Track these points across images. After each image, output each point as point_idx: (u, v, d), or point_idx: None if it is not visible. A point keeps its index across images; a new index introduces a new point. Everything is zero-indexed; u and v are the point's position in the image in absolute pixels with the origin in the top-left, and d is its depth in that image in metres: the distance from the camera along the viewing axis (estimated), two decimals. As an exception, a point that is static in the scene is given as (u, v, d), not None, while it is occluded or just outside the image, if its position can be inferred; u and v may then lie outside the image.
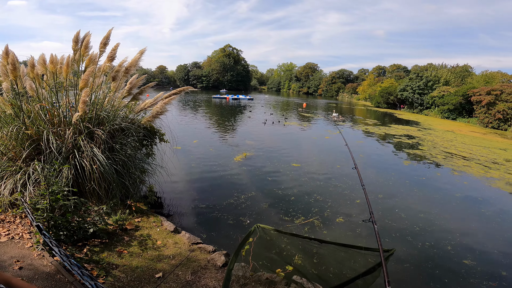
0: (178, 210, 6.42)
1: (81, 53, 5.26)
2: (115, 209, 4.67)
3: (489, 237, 6.34)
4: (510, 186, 10.12)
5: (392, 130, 22.36)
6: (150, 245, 4.05)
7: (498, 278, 4.82)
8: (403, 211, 7.16)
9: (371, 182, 9.28)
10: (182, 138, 13.70)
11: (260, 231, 3.07)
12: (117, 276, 3.30)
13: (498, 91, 29.50)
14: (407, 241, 5.81)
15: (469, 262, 5.22)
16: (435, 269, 4.97)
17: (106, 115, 5.33)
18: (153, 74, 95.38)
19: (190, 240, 4.32)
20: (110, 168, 4.63)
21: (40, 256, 3.45)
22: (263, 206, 6.92)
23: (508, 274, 4.95)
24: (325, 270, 2.98)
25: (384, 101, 47.85)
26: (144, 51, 5.59)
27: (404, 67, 72.71)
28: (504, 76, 44.96)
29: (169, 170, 6.51)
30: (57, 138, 4.64)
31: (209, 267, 3.70)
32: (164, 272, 3.47)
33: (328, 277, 2.95)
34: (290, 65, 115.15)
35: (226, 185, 8.18)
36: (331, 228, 6.06)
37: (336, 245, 2.72)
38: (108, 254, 3.71)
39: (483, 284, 4.66)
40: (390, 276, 4.67)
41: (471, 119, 32.63)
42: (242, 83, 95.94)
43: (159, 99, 6.07)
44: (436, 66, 44.66)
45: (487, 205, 8.16)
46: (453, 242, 5.89)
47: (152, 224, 4.69)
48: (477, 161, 13.58)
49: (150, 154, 6.37)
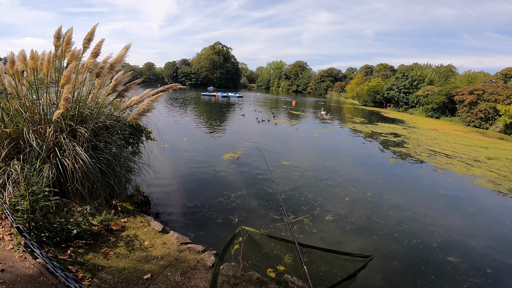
0: (166, 209, 6.30)
1: (63, 49, 5.06)
2: (100, 209, 4.53)
3: (473, 234, 6.50)
4: (492, 184, 10.48)
5: (378, 128, 22.78)
6: (138, 245, 3.95)
7: (483, 275, 4.93)
8: (390, 209, 7.28)
9: (360, 180, 9.42)
10: (170, 136, 13.46)
11: (244, 234, 3.05)
12: (103, 278, 3.20)
13: (480, 91, 30.56)
14: (394, 239, 5.91)
15: (453, 259, 5.35)
16: (421, 266, 5.07)
17: (90, 112, 5.15)
18: (140, 71, 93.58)
19: (179, 240, 4.25)
20: (93, 167, 4.48)
21: (22, 258, 3.32)
22: (253, 204, 6.90)
23: (493, 271, 5.08)
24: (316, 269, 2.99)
25: (371, 100, 48.75)
26: (129, 47, 5.43)
27: (391, 67, 74.29)
28: (486, 76, 46.70)
29: (157, 169, 6.39)
30: (37, 136, 4.45)
31: (198, 268, 3.64)
32: (153, 273, 3.39)
33: (319, 275, 2.96)
34: (280, 63, 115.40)
35: (216, 184, 8.10)
36: (320, 227, 6.10)
37: (319, 250, 2.74)
38: (93, 255, 3.59)
39: (469, 281, 4.76)
40: (379, 273, 4.78)
41: (454, 118, 33.67)
42: (232, 81, 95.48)
43: (146, 96, 5.92)
44: (421, 66, 45.84)
45: (470, 202, 8.40)
46: (439, 239, 6.02)
47: (139, 224, 4.58)
48: (459, 159, 14.02)
49: (137, 152, 6.21)
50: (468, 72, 43.31)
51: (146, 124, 6.44)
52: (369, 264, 4.86)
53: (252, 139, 14.81)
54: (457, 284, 4.67)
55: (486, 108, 29.23)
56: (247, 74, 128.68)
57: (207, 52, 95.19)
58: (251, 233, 3.27)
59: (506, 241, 6.38)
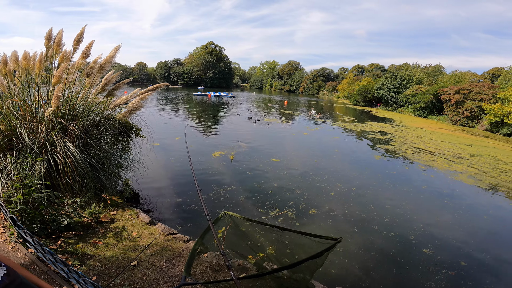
0: (155, 204, 6.52)
1: (54, 50, 5.25)
2: (90, 202, 4.73)
3: (450, 227, 6.77)
4: (472, 179, 10.95)
5: (367, 127, 23.30)
6: (126, 236, 4.17)
7: (456, 268, 5.18)
8: (372, 203, 7.62)
9: (346, 176, 9.78)
10: (162, 135, 13.65)
11: (227, 218, 3.31)
12: (91, 265, 3.42)
13: (467, 90, 31.45)
14: (374, 231, 6.22)
15: (428, 251, 5.61)
16: (397, 257, 5.35)
17: (80, 110, 5.35)
18: (131, 70, 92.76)
19: (166, 231, 4.48)
20: (84, 162, 4.69)
21: (15, 249, 3.51)
22: (241, 199, 7.17)
23: (466, 263, 5.33)
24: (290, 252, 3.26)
25: (362, 99, 49.54)
26: (119, 48, 5.63)
27: (382, 66, 75.48)
28: (474, 76, 47.93)
29: (146, 166, 6.60)
30: (29, 133, 4.63)
31: (183, 255, 3.88)
32: (139, 261, 3.62)
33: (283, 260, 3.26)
34: (273, 63, 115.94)
35: (206, 180, 8.33)
36: (303, 220, 6.39)
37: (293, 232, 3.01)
38: (83, 245, 3.80)
39: (442, 272, 5.01)
40: (358, 263, 5.04)
41: (441, 116, 34.55)
42: (224, 81, 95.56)
43: (135, 95, 6.14)
44: (411, 66, 46.75)
45: (450, 197, 8.77)
46: (417, 232, 6.30)
47: (128, 217, 4.80)
48: (443, 156, 14.54)
49: (126, 149, 6.41)
50: (455, 72, 44.41)
51: (136, 123, 6.66)
52: (348, 254, 5.20)
53: (244, 138, 15.06)
54: (431, 275, 4.91)
55: (472, 107, 30.11)
56: (240, 74, 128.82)
57: (200, 52, 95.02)
58: (234, 219, 3.52)
59: (482, 235, 6.66)
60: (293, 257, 3.44)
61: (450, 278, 4.89)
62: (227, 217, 3.35)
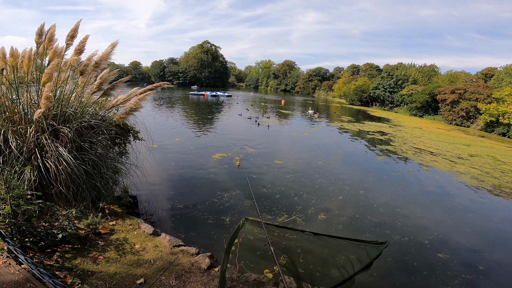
0: (155, 211, 6.12)
1: (45, 46, 4.82)
2: (86, 212, 4.33)
3: (462, 231, 6.59)
4: (475, 180, 10.81)
5: (365, 127, 23.17)
6: (128, 249, 3.79)
7: (475, 272, 5.02)
8: (382, 206, 7.36)
9: (353, 179, 9.51)
10: (160, 137, 13.20)
11: (248, 224, 2.96)
12: (94, 284, 3.04)
13: (462, 90, 31.64)
14: (386, 236, 5.96)
15: (443, 255, 5.42)
16: (413, 262, 5.13)
17: (73, 111, 4.92)
18: (126, 70, 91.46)
19: (171, 242, 4.11)
20: (78, 168, 4.27)
21: (6, 264, 3.12)
22: (246, 204, 6.81)
23: (484, 267, 5.17)
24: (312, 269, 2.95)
25: (357, 99, 49.62)
26: (116, 44, 5.21)
27: (377, 66, 75.89)
28: (468, 76, 48.48)
29: (145, 170, 6.20)
30: (17, 137, 4.20)
31: (193, 271, 3.53)
32: (146, 278, 3.26)
33: (316, 276, 2.91)
34: (269, 63, 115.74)
35: (208, 184, 7.96)
36: (312, 226, 6.07)
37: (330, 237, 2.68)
38: (82, 260, 3.42)
39: (461, 277, 4.83)
40: (374, 270, 4.77)
41: (436, 116, 34.73)
42: (220, 80, 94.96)
43: (133, 95, 5.72)
44: (406, 66, 47.03)
45: (458, 199, 8.61)
46: (431, 236, 6.09)
47: (129, 227, 4.41)
48: (443, 156, 14.43)
49: (124, 153, 6.00)
50: (450, 71, 44.80)
51: (133, 123, 6.23)
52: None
53: (244, 139, 14.69)
54: (450, 280, 4.74)
55: (467, 107, 30.29)
56: (236, 73, 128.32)
57: (195, 51, 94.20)
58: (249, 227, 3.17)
59: (495, 238, 6.51)
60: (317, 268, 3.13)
61: (470, 282, 4.73)
62: (248, 223, 3.00)
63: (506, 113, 25.58)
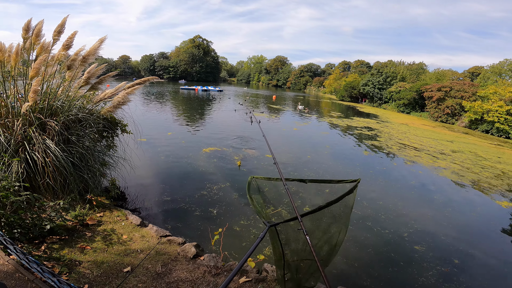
0: (143, 203, 6.21)
1: (32, 41, 4.81)
2: (74, 204, 4.41)
3: (440, 224, 6.86)
4: (456, 175, 11.26)
5: (354, 122, 23.60)
6: (115, 239, 3.90)
7: (450, 264, 5.26)
8: (366, 200, 7.61)
9: (339, 172, 9.80)
10: (151, 131, 13.18)
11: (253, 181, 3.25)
12: (81, 272, 3.15)
13: (448, 88, 32.48)
14: (368, 228, 6.21)
15: (420, 247, 5.66)
16: (391, 253, 5.38)
17: (60, 105, 4.95)
18: (115, 64, 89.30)
19: (158, 233, 4.25)
20: (65, 161, 4.34)
21: (-5, 255, 3.18)
22: (234, 196, 6.97)
23: (459, 261, 5.41)
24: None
25: (348, 95, 50.24)
26: (104, 39, 5.23)
27: (367, 63, 76.67)
28: (454, 74, 49.59)
29: (134, 163, 6.27)
30: (4, 130, 4.23)
31: (179, 259, 3.68)
32: (133, 266, 3.39)
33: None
34: (261, 58, 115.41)
35: (197, 177, 8.06)
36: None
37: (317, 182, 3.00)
38: (69, 250, 3.52)
39: (436, 269, 5.06)
40: (355, 260, 5.01)
41: (423, 113, 35.59)
42: (211, 75, 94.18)
43: (121, 89, 5.76)
44: (395, 63, 47.74)
45: (438, 193, 8.94)
46: (411, 229, 6.35)
47: (116, 219, 4.51)
48: (426, 151, 14.91)
49: (111, 146, 6.05)
50: (437, 70, 45.81)
51: (121, 117, 6.28)
52: (346, 252, 5.16)
53: (234, 133, 14.80)
54: (425, 271, 4.96)
55: (453, 104, 31.16)
56: (227, 68, 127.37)
57: (187, 46, 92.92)
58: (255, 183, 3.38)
59: (471, 232, 6.81)
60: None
61: (444, 274, 4.97)
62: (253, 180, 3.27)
63: (491, 111, 26.44)
